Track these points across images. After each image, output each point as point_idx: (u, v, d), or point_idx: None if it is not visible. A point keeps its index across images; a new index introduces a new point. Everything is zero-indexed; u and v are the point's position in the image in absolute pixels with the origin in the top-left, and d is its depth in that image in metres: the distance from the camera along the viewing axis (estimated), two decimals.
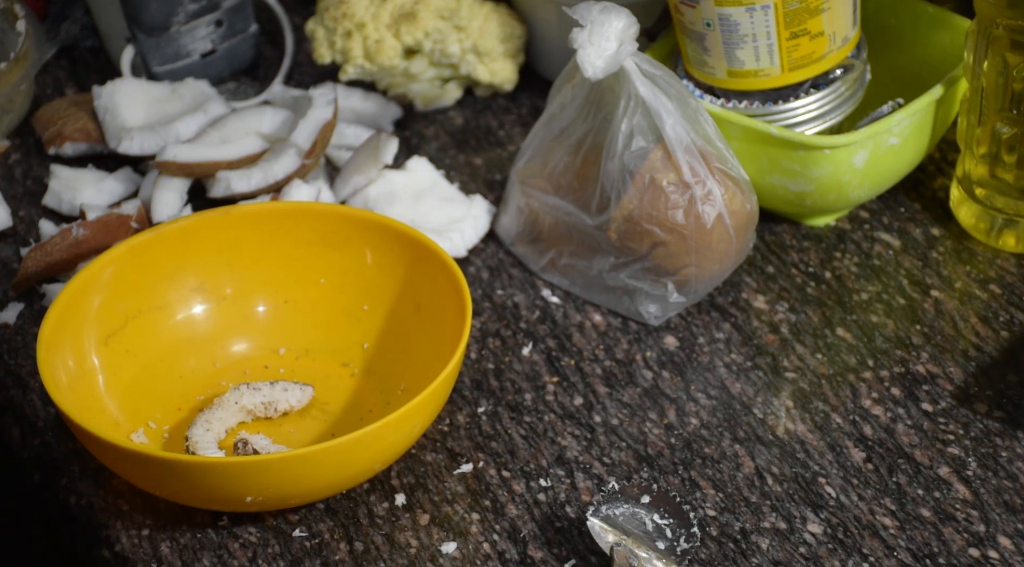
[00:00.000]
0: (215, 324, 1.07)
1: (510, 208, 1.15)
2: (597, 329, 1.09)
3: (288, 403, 1.03)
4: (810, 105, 1.12)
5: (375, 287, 1.06)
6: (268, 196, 1.16)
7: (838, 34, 1.10)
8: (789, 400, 1.04)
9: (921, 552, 0.94)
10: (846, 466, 0.99)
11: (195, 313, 1.07)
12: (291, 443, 1.02)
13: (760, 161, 1.10)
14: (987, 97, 1.08)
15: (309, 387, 1.04)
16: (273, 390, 1.03)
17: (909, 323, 1.09)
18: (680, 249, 1.06)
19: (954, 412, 1.02)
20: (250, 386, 1.03)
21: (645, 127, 1.05)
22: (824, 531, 0.96)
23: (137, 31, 1.25)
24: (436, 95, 1.27)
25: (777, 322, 1.09)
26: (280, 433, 1.03)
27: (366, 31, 1.22)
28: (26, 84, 1.27)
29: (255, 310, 1.08)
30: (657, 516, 0.94)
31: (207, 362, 1.06)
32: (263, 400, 1.03)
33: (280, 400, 1.03)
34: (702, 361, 1.07)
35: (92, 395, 1.01)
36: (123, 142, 1.20)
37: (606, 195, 1.07)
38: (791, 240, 1.15)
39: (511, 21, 1.25)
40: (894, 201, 1.17)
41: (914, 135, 1.11)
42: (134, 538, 0.98)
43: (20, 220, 1.20)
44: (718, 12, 1.08)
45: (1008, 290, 1.10)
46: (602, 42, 1.03)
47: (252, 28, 1.31)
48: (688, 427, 1.02)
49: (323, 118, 1.17)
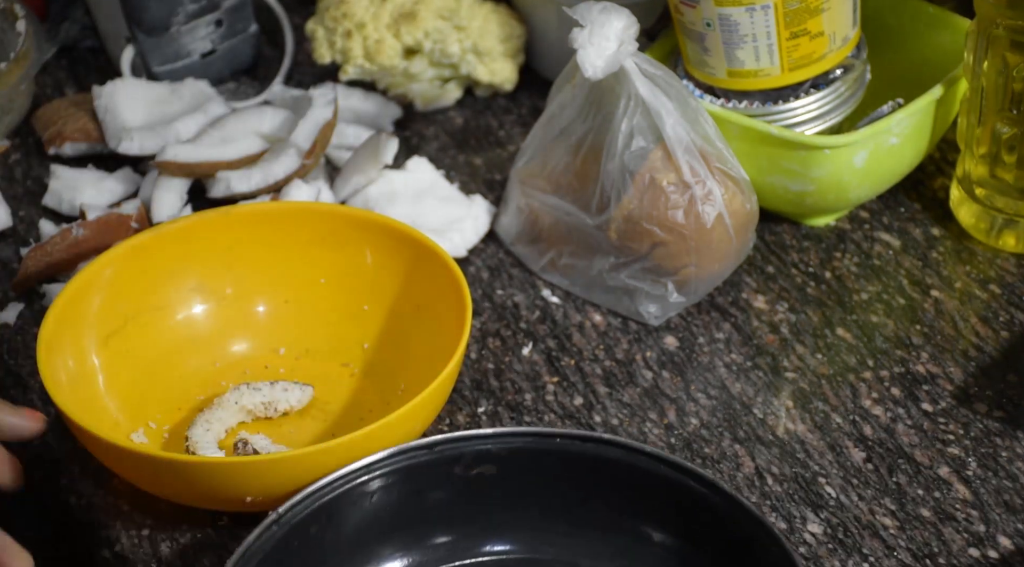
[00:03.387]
0: (215, 324, 1.07)
1: (510, 208, 1.15)
2: (597, 329, 1.09)
3: (288, 403, 1.03)
4: (810, 105, 1.12)
5: (375, 287, 1.06)
6: (268, 196, 1.16)
7: (838, 34, 1.10)
8: (789, 400, 1.04)
9: (921, 552, 0.94)
10: (846, 466, 0.99)
11: (195, 313, 1.07)
12: (291, 443, 1.02)
13: (760, 161, 1.10)
14: (987, 97, 1.08)
15: (309, 387, 1.04)
16: (273, 390, 1.03)
17: (909, 323, 1.09)
18: (680, 249, 1.06)
19: (954, 412, 1.02)
20: (250, 386, 1.03)
21: (645, 127, 1.05)
22: (824, 531, 0.96)
23: (137, 31, 1.25)
24: (436, 95, 1.27)
25: (777, 322, 1.09)
26: (280, 433, 1.03)
27: (366, 31, 1.22)
28: (26, 84, 1.27)
29: (255, 310, 1.08)
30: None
31: (207, 362, 1.06)
32: (263, 400, 1.03)
33: (280, 400, 1.03)
34: (702, 361, 1.07)
35: (92, 395, 1.01)
36: (123, 142, 1.20)
37: (606, 195, 1.07)
38: (791, 240, 1.15)
39: (511, 21, 1.25)
40: (894, 201, 1.17)
41: (914, 135, 1.11)
42: (134, 538, 0.98)
43: (20, 220, 1.20)
44: (718, 12, 1.08)
45: (1008, 290, 1.10)
46: (602, 42, 1.03)
47: (252, 28, 1.31)
48: (688, 427, 1.02)
49: (323, 118, 1.17)
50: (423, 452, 0.92)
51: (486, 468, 0.92)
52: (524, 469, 0.92)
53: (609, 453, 0.91)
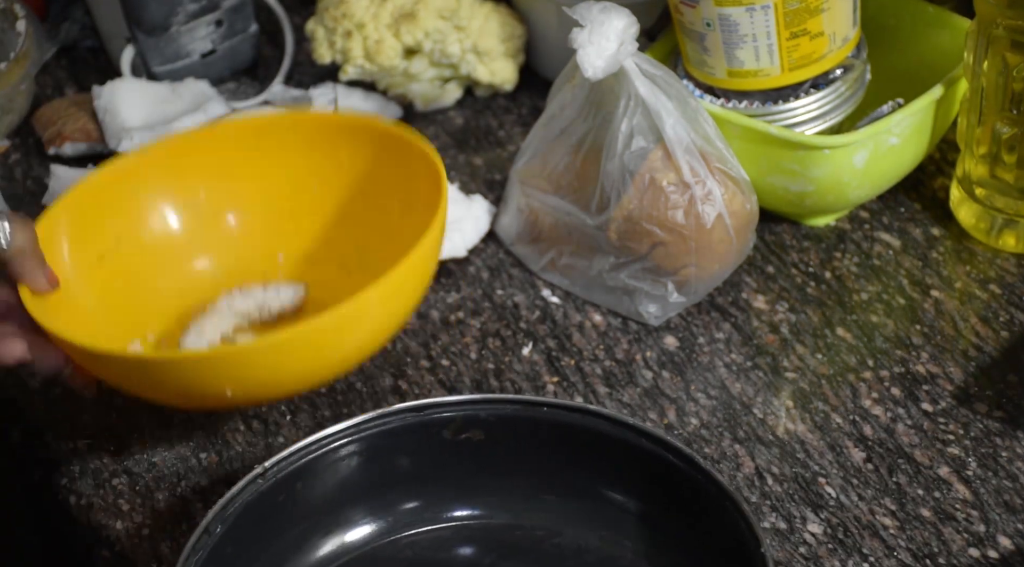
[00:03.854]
0: (210, 238, 1.07)
1: (510, 208, 1.15)
2: (597, 329, 1.09)
3: (280, 303, 1.03)
4: (810, 105, 1.12)
5: (362, 187, 1.06)
6: None
7: (838, 34, 1.11)
8: (789, 400, 1.04)
9: (921, 552, 0.94)
10: (846, 466, 0.99)
11: (188, 229, 1.07)
12: None
13: (760, 161, 1.10)
14: (987, 97, 1.08)
15: (300, 286, 1.04)
16: (265, 293, 1.03)
17: (909, 323, 1.09)
18: (680, 249, 1.06)
19: (954, 412, 1.02)
20: (242, 291, 1.03)
21: (645, 127, 1.05)
22: (824, 531, 0.96)
23: (137, 31, 1.25)
24: (436, 95, 1.27)
25: (777, 322, 1.09)
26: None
27: (366, 31, 1.22)
28: (26, 84, 1.27)
29: (248, 221, 1.08)
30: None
31: (206, 276, 1.06)
32: (256, 303, 1.03)
33: (272, 300, 1.03)
34: (702, 361, 1.07)
35: (83, 311, 1.00)
36: (123, 142, 1.20)
37: (606, 195, 1.07)
38: (791, 240, 1.15)
39: (511, 21, 1.25)
40: (894, 201, 1.17)
41: (914, 135, 1.11)
42: (134, 538, 0.98)
43: None
44: (718, 12, 1.08)
45: (1008, 290, 1.10)
46: (602, 42, 1.03)
47: (252, 28, 1.31)
48: (688, 427, 1.02)
49: None
50: (411, 414, 0.93)
51: (474, 433, 0.93)
52: (511, 436, 0.93)
53: (594, 424, 0.93)
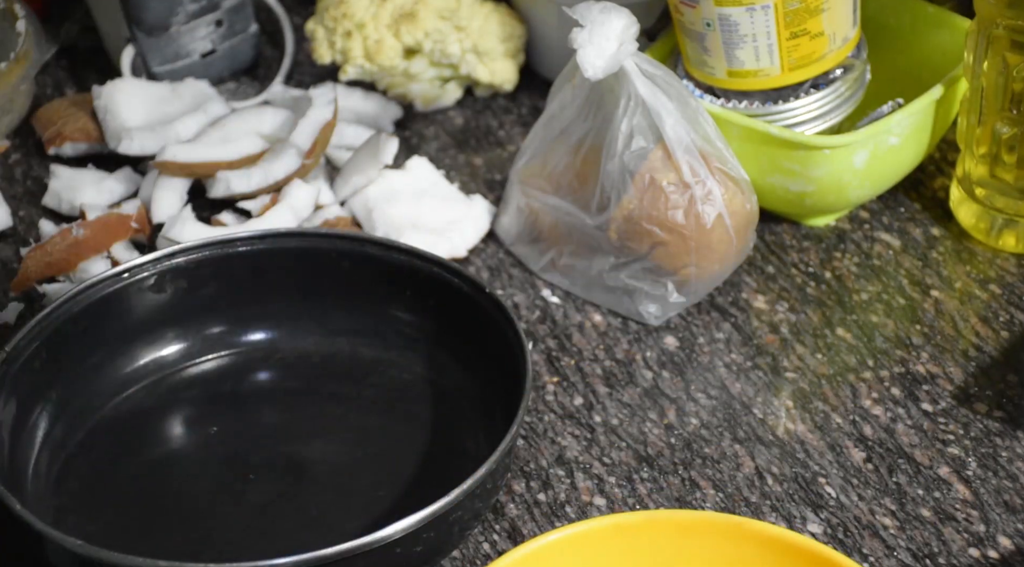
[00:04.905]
0: None
1: (510, 208, 1.15)
2: (597, 329, 1.09)
3: None
4: (810, 105, 1.12)
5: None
6: (268, 196, 1.16)
7: (838, 34, 1.11)
8: (789, 400, 1.04)
9: (921, 552, 0.94)
10: (846, 466, 0.99)
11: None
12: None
13: (760, 161, 1.10)
14: (987, 97, 1.08)
15: None
16: None
17: (909, 323, 1.09)
18: (680, 249, 1.06)
19: (954, 412, 1.02)
20: None
21: (645, 127, 1.05)
22: (824, 531, 0.96)
23: (137, 31, 1.25)
24: (436, 95, 1.27)
25: (777, 322, 1.09)
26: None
27: (366, 31, 1.22)
28: (26, 84, 1.27)
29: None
30: None
31: None
32: None
33: None
34: (702, 361, 1.07)
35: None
36: (123, 142, 1.20)
37: (606, 195, 1.07)
38: (791, 240, 1.15)
39: (511, 21, 1.25)
40: (894, 201, 1.18)
41: (914, 135, 1.11)
42: None
43: (20, 220, 1.20)
44: (718, 12, 1.08)
45: (1008, 290, 1.10)
46: (602, 42, 1.03)
47: (252, 28, 1.31)
48: (688, 427, 1.02)
49: (323, 118, 1.17)
50: (212, 248, 1.06)
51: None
52: (316, 267, 1.07)
53: (370, 251, 1.05)
